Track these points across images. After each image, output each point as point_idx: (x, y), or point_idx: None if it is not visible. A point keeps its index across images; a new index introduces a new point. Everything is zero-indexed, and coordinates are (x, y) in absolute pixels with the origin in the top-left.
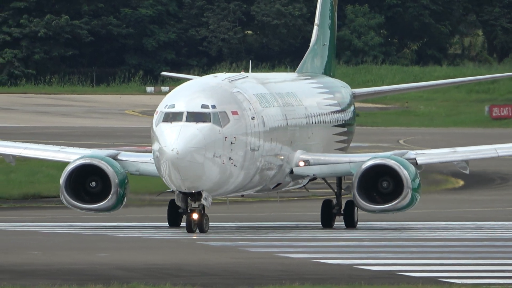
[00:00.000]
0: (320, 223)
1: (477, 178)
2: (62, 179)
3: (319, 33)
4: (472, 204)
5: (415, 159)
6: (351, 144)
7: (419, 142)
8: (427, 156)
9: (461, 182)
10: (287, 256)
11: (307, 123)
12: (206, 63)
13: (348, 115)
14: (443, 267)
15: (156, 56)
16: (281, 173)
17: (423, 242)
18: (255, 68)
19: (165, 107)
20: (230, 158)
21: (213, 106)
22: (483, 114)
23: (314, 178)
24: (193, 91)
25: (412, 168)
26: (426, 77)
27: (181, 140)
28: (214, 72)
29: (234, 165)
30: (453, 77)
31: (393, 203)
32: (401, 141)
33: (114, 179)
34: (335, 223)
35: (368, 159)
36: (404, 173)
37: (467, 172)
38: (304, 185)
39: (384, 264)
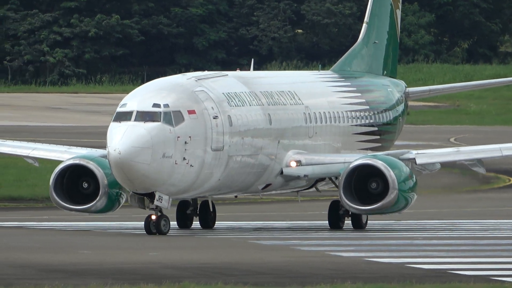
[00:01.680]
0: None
1: None
2: (51, 180)
3: (368, 31)
4: None
5: (414, 159)
6: (400, 143)
7: (470, 141)
8: (428, 156)
9: None
10: (338, 255)
11: (306, 122)
12: (257, 62)
13: (385, 114)
14: (494, 265)
15: (207, 55)
16: (268, 174)
17: (474, 240)
18: (305, 67)
19: (119, 107)
20: (184, 158)
21: (166, 105)
22: None
23: (322, 179)
24: (149, 90)
25: (404, 168)
26: (476, 76)
27: (125, 140)
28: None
29: (191, 165)
30: (503, 76)
31: (379, 204)
32: (452, 140)
33: (103, 180)
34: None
35: (355, 159)
36: (390, 173)
37: (484, 172)
38: (311, 186)
39: (435, 262)
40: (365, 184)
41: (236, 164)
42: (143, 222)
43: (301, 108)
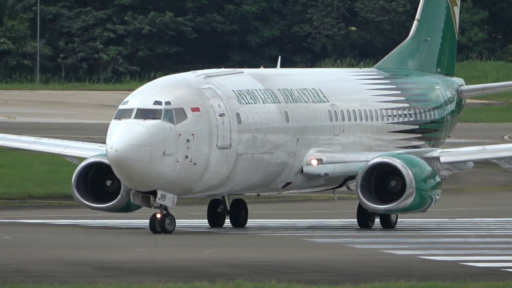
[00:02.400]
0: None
1: None
2: (73, 178)
3: (418, 29)
4: None
5: (438, 157)
6: (453, 141)
7: None
8: (453, 154)
9: None
10: (392, 252)
11: (331, 120)
12: (310, 60)
13: (430, 113)
14: None
15: (260, 52)
16: (287, 172)
17: None
18: (358, 64)
19: (121, 104)
20: (186, 156)
21: (167, 103)
22: None
23: (353, 177)
24: (152, 87)
25: (425, 167)
26: None
27: (122, 138)
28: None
29: (194, 163)
30: None
31: (395, 203)
32: (506, 137)
33: None
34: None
35: (373, 158)
36: (408, 172)
37: None
38: (341, 185)
39: (489, 260)
40: (385, 182)
41: (246, 162)
42: (197, 220)
43: (325, 106)
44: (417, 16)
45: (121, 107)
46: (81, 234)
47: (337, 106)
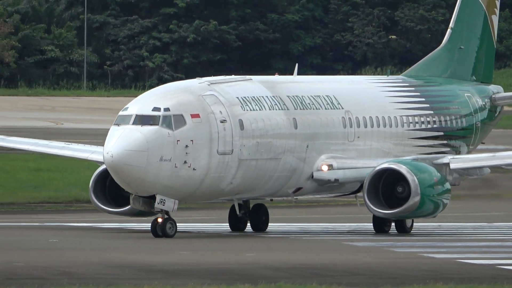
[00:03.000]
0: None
1: None
2: (90, 182)
3: (452, 37)
4: None
5: (448, 163)
6: (489, 147)
7: None
8: (463, 160)
9: None
10: (431, 256)
11: (345, 126)
12: (351, 68)
13: (457, 120)
14: None
15: (302, 60)
16: (297, 177)
17: None
18: (399, 72)
19: (121, 110)
20: (185, 162)
21: (166, 109)
22: None
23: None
24: (153, 94)
25: (432, 173)
26: None
27: (118, 143)
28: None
29: (193, 169)
30: None
31: (401, 208)
32: None
33: None
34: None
35: (381, 164)
36: (413, 178)
37: None
38: (358, 190)
39: None
40: (393, 188)
41: (250, 167)
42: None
43: (339, 113)
44: (451, 24)
45: (121, 113)
46: (126, 238)
47: (352, 113)
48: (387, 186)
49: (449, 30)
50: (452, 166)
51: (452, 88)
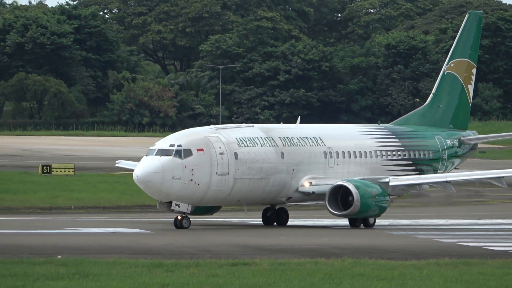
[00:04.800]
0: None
1: None
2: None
3: (433, 99)
4: None
5: (388, 182)
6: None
7: None
8: (398, 180)
9: None
10: (440, 240)
11: (326, 157)
12: (390, 120)
13: (424, 153)
14: None
15: (359, 115)
16: (286, 190)
17: None
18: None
19: (151, 146)
20: (191, 180)
21: (179, 145)
22: None
23: None
24: (174, 136)
25: (370, 188)
26: None
27: (142, 167)
28: None
29: (198, 184)
30: None
31: (347, 211)
32: None
33: None
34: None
35: (337, 182)
36: (355, 191)
37: (503, 186)
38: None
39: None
40: (345, 197)
41: (244, 183)
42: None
43: (322, 148)
44: (433, 90)
45: (150, 148)
46: (247, 229)
47: (333, 148)
48: (344, 197)
49: (431, 95)
50: (391, 183)
51: (426, 132)
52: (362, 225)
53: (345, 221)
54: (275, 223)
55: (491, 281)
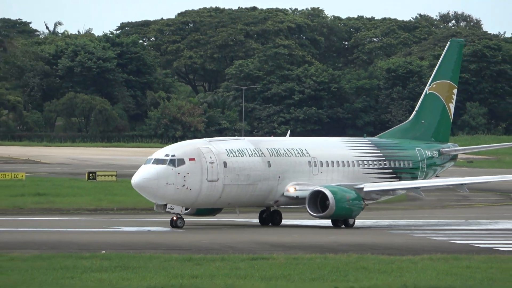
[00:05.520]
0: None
1: None
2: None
3: (416, 115)
4: None
5: (362, 188)
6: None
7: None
8: (372, 186)
9: None
10: (433, 238)
11: (310, 166)
12: None
13: (404, 163)
14: None
15: (364, 129)
16: (273, 195)
17: None
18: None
19: (149, 156)
20: (183, 185)
21: (173, 155)
22: None
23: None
24: (170, 147)
25: (345, 193)
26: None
27: (139, 174)
28: None
29: (190, 189)
30: None
31: (324, 213)
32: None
33: None
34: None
35: (315, 187)
36: (331, 196)
37: (465, 192)
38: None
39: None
40: (324, 201)
41: (233, 189)
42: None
43: (307, 158)
44: (416, 108)
45: (148, 157)
46: (263, 228)
47: (317, 158)
48: (323, 200)
49: (414, 112)
50: (365, 189)
51: (406, 144)
52: (343, 225)
53: (328, 222)
54: (270, 224)
55: (477, 273)
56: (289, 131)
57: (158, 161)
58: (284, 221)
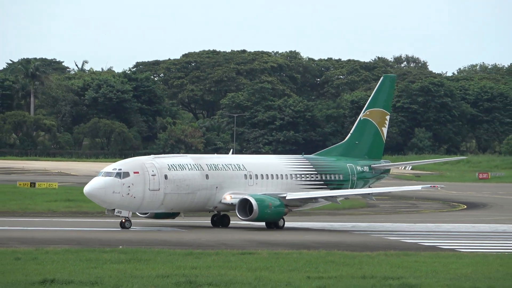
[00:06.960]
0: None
1: (470, 204)
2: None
3: (351, 137)
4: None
5: (285, 196)
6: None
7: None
8: (294, 195)
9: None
10: (388, 238)
11: (246, 178)
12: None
13: (335, 176)
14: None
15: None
16: (212, 202)
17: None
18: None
19: (101, 170)
20: (128, 193)
21: (119, 169)
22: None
23: (296, 205)
24: (119, 162)
25: (268, 201)
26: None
27: (90, 184)
28: None
29: (134, 197)
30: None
31: (249, 217)
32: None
33: None
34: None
35: (243, 196)
36: (255, 203)
37: (372, 200)
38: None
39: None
40: (250, 207)
41: (173, 197)
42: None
43: (243, 172)
44: (351, 131)
45: (100, 171)
46: (253, 229)
47: (253, 172)
48: (251, 207)
49: (349, 134)
50: (287, 197)
51: (338, 161)
52: (274, 227)
53: (262, 225)
54: (220, 226)
55: (423, 266)
56: (231, 150)
57: (107, 174)
58: (232, 223)
